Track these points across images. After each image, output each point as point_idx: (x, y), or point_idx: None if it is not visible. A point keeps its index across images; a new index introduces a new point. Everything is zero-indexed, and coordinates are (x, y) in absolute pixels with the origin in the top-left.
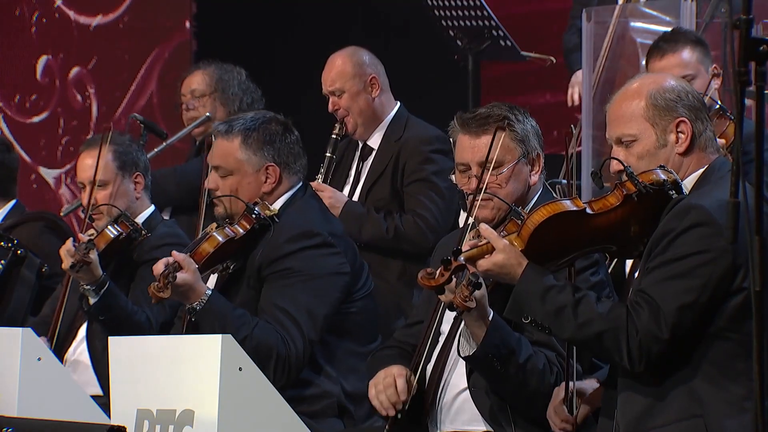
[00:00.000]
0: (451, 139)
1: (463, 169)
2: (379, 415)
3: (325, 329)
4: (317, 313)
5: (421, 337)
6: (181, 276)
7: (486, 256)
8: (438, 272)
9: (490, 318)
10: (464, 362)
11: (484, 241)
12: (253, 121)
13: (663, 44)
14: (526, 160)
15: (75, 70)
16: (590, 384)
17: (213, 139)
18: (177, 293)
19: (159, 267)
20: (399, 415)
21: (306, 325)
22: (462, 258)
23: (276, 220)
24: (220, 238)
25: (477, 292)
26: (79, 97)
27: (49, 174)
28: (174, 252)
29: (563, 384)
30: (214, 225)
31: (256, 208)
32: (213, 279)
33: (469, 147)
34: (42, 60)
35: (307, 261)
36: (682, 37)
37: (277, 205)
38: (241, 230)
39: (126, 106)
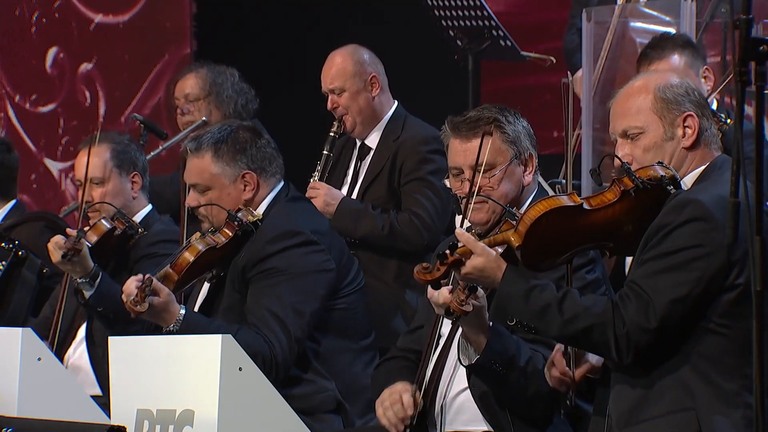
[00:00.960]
0: (444, 143)
1: (456, 172)
2: None
3: (313, 327)
4: (303, 311)
5: (424, 351)
6: (154, 300)
7: (464, 258)
8: (434, 266)
9: (490, 325)
10: None
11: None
12: (221, 132)
13: (650, 51)
14: (518, 161)
15: (84, 66)
16: None
17: (185, 158)
18: (152, 314)
19: (131, 288)
20: (407, 430)
21: (292, 323)
22: (458, 253)
23: (258, 224)
24: (200, 247)
25: (475, 301)
26: (87, 94)
27: (54, 166)
28: (146, 276)
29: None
30: (198, 234)
31: (239, 215)
32: (205, 288)
33: (461, 151)
34: (51, 52)
35: (290, 260)
36: (669, 43)
37: (261, 209)
38: (223, 238)
39: (136, 105)
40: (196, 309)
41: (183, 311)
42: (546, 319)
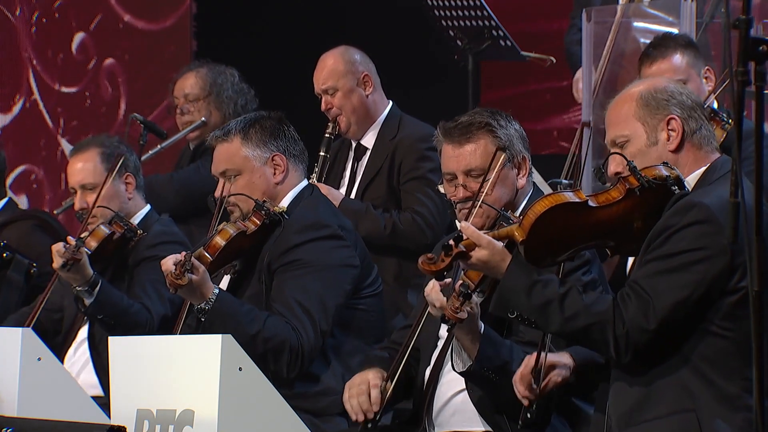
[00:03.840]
0: (437, 149)
1: (450, 178)
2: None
3: (335, 321)
4: (329, 304)
5: (404, 342)
6: (192, 277)
7: (470, 250)
8: (439, 257)
9: (482, 331)
10: None
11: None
12: (247, 119)
13: (652, 51)
14: (511, 164)
15: (109, 61)
16: (562, 357)
17: (213, 147)
18: (187, 291)
19: (169, 264)
20: (369, 424)
21: (318, 314)
22: (463, 245)
23: (285, 216)
24: (231, 231)
25: (469, 308)
26: (109, 89)
27: (69, 149)
28: (184, 253)
29: (535, 354)
30: (225, 222)
31: (265, 204)
32: (226, 280)
33: (454, 156)
34: (78, 37)
35: (316, 252)
36: (671, 42)
37: (285, 202)
38: (252, 226)
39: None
40: None
41: (216, 290)
42: (547, 314)
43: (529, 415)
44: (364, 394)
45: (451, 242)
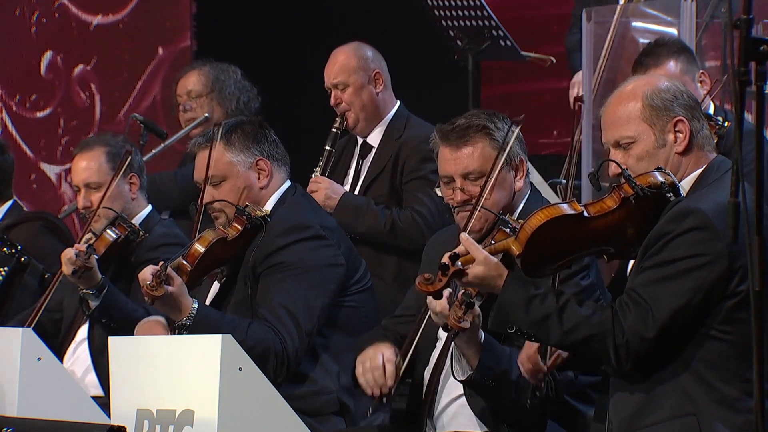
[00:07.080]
0: (434, 151)
1: (447, 181)
2: (363, 391)
3: (323, 321)
4: (314, 305)
5: (415, 325)
6: (168, 288)
7: (466, 268)
8: (436, 277)
9: (482, 340)
10: None
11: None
12: (228, 125)
13: (645, 59)
14: (509, 167)
15: (79, 68)
16: None
17: (195, 154)
18: (163, 302)
19: (146, 274)
20: (384, 399)
21: (303, 317)
22: (459, 263)
23: (267, 219)
24: (211, 238)
25: (470, 314)
26: (82, 95)
27: (51, 170)
28: (161, 263)
29: None
30: (206, 229)
31: (246, 209)
32: (215, 288)
33: (451, 159)
34: (46, 56)
35: (300, 254)
36: (664, 50)
37: (269, 206)
38: (233, 232)
39: (130, 106)
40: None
41: (196, 305)
42: (546, 328)
43: (538, 393)
44: (379, 369)
45: (447, 261)
